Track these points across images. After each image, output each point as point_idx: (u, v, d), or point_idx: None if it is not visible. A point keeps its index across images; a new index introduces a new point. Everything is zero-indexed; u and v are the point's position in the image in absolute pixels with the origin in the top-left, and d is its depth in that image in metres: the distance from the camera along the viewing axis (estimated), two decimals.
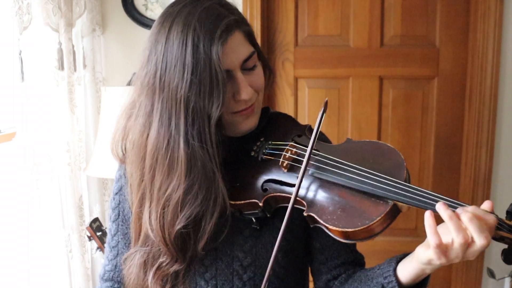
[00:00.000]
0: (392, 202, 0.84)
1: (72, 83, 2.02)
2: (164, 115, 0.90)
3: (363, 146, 0.96)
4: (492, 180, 2.29)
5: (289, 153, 0.97)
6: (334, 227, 0.86)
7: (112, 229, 1.14)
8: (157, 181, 0.93)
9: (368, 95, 2.36)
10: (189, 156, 0.89)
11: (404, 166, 0.89)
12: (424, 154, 2.40)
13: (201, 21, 0.87)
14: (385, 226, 0.85)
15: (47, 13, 1.87)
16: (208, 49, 0.86)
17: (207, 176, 0.91)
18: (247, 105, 0.95)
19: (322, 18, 2.34)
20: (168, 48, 0.88)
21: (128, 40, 2.34)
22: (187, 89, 0.87)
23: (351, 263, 1.05)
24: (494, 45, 2.18)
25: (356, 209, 0.87)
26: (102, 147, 1.94)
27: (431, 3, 2.28)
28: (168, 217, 0.93)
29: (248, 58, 0.93)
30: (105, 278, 1.13)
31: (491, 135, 2.26)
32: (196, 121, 0.88)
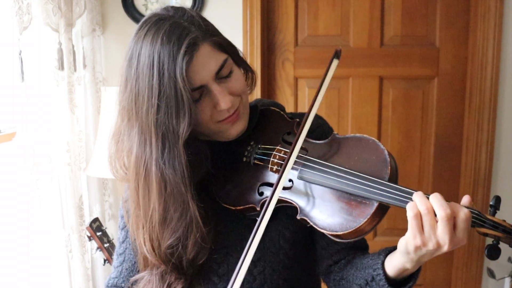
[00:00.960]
0: (377, 203, 0.86)
1: (72, 83, 2.02)
2: (141, 139, 0.93)
3: (349, 142, 0.96)
4: (492, 180, 2.29)
5: (277, 158, 0.98)
6: (324, 230, 0.89)
7: (120, 236, 1.15)
8: (141, 204, 0.97)
9: (368, 95, 2.36)
10: (159, 179, 0.92)
11: (388, 162, 0.89)
12: (424, 154, 2.40)
13: (163, 44, 0.88)
14: (375, 224, 0.87)
15: (47, 13, 1.87)
16: (172, 72, 0.87)
17: (179, 198, 0.93)
18: (230, 112, 0.96)
19: (322, 18, 2.34)
20: (138, 74, 0.91)
21: (128, 40, 2.33)
22: (155, 113, 0.89)
23: (352, 247, 1.06)
24: (494, 45, 2.18)
25: (343, 211, 0.88)
26: (102, 147, 1.94)
27: (431, 3, 2.28)
28: (156, 237, 0.97)
29: (220, 68, 0.93)
30: (109, 284, 1.14)
31: (491, 135, 2.26)
32: (166, 143, 0.91)
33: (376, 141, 0.92)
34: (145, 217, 0.97)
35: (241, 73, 1.01)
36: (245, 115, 1.02)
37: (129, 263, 1.12)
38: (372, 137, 0.93)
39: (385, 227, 2.44)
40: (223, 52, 0.95)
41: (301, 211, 0.93)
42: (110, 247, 1.86)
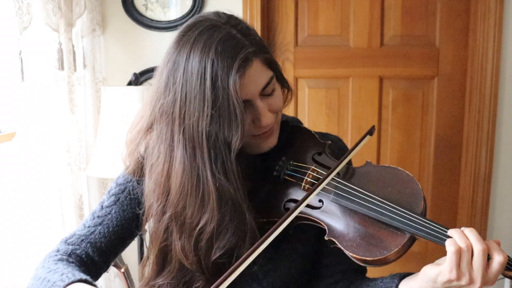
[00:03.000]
0: (409, 234, 0.87)
1: (72, 83, 2.02)
2: (187, 147, 0.90)
3: (383, 172, 0.98)
4: (492, 180, 2.29)
5: (310, 178, 0.99)
6: (353, 254, 0.89)
7: (105, 199, 1.06)
8: (188, 214, 0.94)
9: (368, 95, 2.36)
10: (218, 189, 0.90)
11: (422, 197, 0.91)
12: (424, 154, 2.40)
13: (218, 53, 0.86)
14: (401, 255, 0.88)
15: (47, 13, 1.87)
16: (226, 83, 0.86)
17: (235, 208, 0.92)
18: (267, 128, 0.97)
19: (322, 18, 2.34)
20: (187, 80, 0.88)
21: (128, 40, 2.34)
22: (208, 123, 0.87)
23: (354, 270, 1.06)
24: (494, 45, 2.18)
25: (375, 238, 0.89)
26: (102, 147, 1.94)
27: (431, 3, 2.28)
28: (204, 248, 0.94)
29: (267, 85, 0.94)
30: (68, 241, 1.03)
31: (491, 135, 2.26)
32: (219, 154, 0.89)
33: (410, 174, 0.95)
34: (191, 228, 0.94)
35: (281, 91, 1.02)
36: (277, 131, 1.03)
37: (106, 229, 1.03)
38: (406, 170, 0.96)
39: None
40: (270, 69, 0.96)
41: (329, 232, 0.93)
42: None
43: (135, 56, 2.33)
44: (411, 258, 1.58)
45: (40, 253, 1.96)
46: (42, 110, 1.92)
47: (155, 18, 2.32)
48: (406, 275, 0.93)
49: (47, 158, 1.96)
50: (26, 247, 1.91)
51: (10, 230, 1.87)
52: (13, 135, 1.84)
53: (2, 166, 1.86)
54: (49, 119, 1.95)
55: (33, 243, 1.93)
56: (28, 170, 1.87)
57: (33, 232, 1.93)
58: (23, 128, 1.84)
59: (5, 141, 1.83)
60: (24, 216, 1.90)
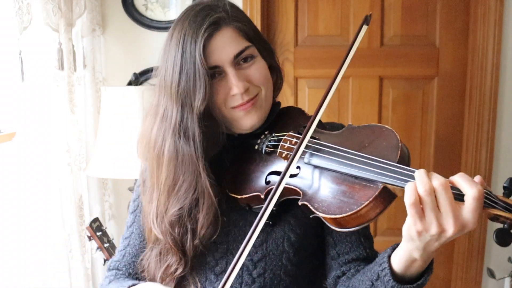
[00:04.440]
0: (382, 185, 0.79)
1: (72, 83, 2.02)
2: (164, 111, 0.99)
3: (362, 130, 0.94)
4: (492, 180, 2.29)
5: (288, 143, 0.97)
6: (324, 214, 0.84)
7: (129, 220, 1.17)
8: (154, 173, 1.01)
9: (368, 95, 2.36)
10: (172, 148, 0.97)
11: (399, 147, 0.84)
12: (424, 154, 2.40)
13: (190, 23, 0.95)
14: (379, 212, 0.80)
15: (47, 13, 1.87)
16: (192, 48, 0.93)
17: (190, 169, 0.97)
18: (243, 99, 0.98)
19: (322, 18, 2.34)
20: (169, 53, 0.98)
21: (128, 40, 2.34)
22: (176, 85, 0.95)
23: (364, 260, 1.02)
24: (494, 45, 2.18)
25: (346, 194, 0.83)
26: (102, 147, 1.94)
27: (431, 3, 2.28)
28: (162, 206, 1.00)
29: (239, 53, 0.96)
30: (111, 267, 1.15)
31: (491, 135, 2.26)
32: (184, 114, 0.96)
33: (390, 128, 0.90)
34: (157, 186, 1.00)
35: (265, 66, 1.03)
36: (262, 109, 1.02)
37: (133, 248, 1.12)
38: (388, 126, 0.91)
39: (385, 227, 2.44)
40: (246, 40, 0.98)
41: (303, 196, 0.89)
42: (110, 247, 1.86)
43: (135, 56, 2.33)
44: None
45: (40, 253, 1.96)
46: (42, 110, 1.93)
47: (155, 18, 2.32)
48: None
49: (47, 158, 1.96)
50: (26, 247, 1.91)
51: (10, 230, 1.88)
52: (13, 135, 1.85)
53: (2, 166, 1.86)
54: (49, 119, 1.96)
55: (33, 243, 1.93)
56: (28, 170, 1.87)
57: (33, 232, 1.93)
58: (23, 128, 1.85)
59: (5, 141, 1.83)
60: (24, 216, 1.90)
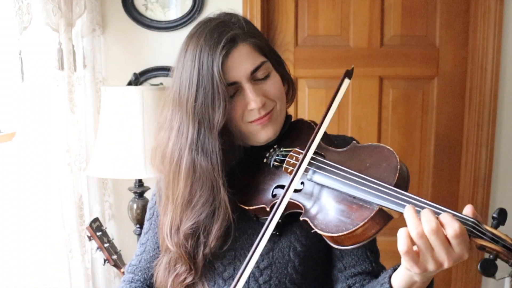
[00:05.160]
0: (378, 207, 0.82)
1: (72, 83, 2.02)
2: (180, 126, 1.00)
3: (365, 150, 0.95)
4: (492, 180, 2.29)
5: (293, 159, 0.99)
6: (322, 232, 0.87)
7: (145, 227, 1.20)
8: (170, 187, 1.03)
9: (368, 95, 2.36)
10: (190, 163, 0.98)
11: (397, 169, 0.86)
12: (424, 154, 2.40)
13: (206, 39, 0.96)
14: (374, 232, 0.83)
15: (47, 13, 1.87)
16: (210, 65, 0.94)
17: (208, 183, 0.98)
18: (260, 114, 0.99)
19: (322, 18, 2.34)
20: (184, 66, 0.99)
21: (128, 40, 2.34)
22: (193, 101, 0.96)
23: (369, 273, 1.04)
24: (494, 45, 2.18)
25: (344, 214, 0.86)
26: (102, 147, 1.94)
27: (431, 3, 2.28)
28: (177, 219, 1.01)
29: (256, 69, 0.98)
30: (128, 270, 1.21)
31: (491, 135, 2.26)
32: (201, 130, 0.97)
33: (391, 149, 0.91)
34: (172, 199, 1.02)
35: (280, 80, 1.05)
36: (277, 122, 1.04)
37: (148, 255, 1.17)
38: (389, 147, 0.92)
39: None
40: (262, 55, 1.00)
41: (305, 212, 0.92)
42: (110, 247, 1.86)
43: (135, 56, 2.33)
44: None
45: (40, 253, 1.96)
46: (42, 110, 1.93)
47: (155, 18, 2.32)
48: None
49: (47, 158, 1.96)
50: (26, 247, 1.91)
51: (10, 230, 1.88)
52: (13, 135, 1.85)
53: (2, 166, 1.86)
54: (49, 119, 1.96)
55: (33, 243, 1.93)
56: (28, 170, 1.87)
57: (33, 232, 1.93)
58: (23, 128, 1.85)
59: (5, 141, 1.83)
60: (24, 216, 1.90)
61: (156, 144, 1.07)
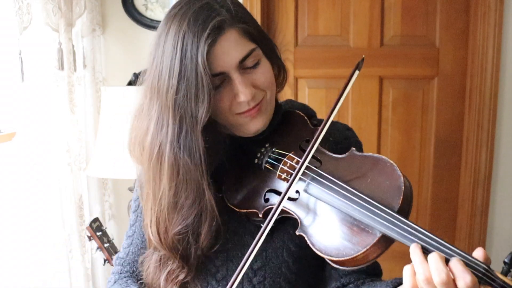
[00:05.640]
0: (380, 234, 0.77)
1: (72, 83, 2.02)
2: (159, 119, 0.90)
3: (365, 161, 0.88)
4: (492, 180, 2.29)
5: (287, 166, 0.92)
6: (320, 253, 0.82)
7: (131, 219, 1.15)
8: (152, 186, 0.94)
9: (368, 95, 2.36)
10: (173, 162, 0.89)
11: (401, 191, 0.80)
12: (424, 154, 2.40)
13: (190, 24, 0.85)
14: (376, 256, 0.79)
15: (47, 13, 1.87)
16: (194, 54, 0.84)
17: (192, 184, 0.90)
18: (250, 106, 0.91)
19: (322, 18, 2.34)
20: (164, 52, 0.88)
21: (128, 40, 2.34)
22: (174, 93, 0.86)
23: (363, 272, 1.00)
24: (494, 45, 2.18)
25: (343, 235, 0.81)
26: (102, 147, 1.94)
27: (431, 3, 2.28)
28: (164, 222, 0.94)
29: (245, 57, 0.89)
30: (117, 263, 1.17)
31: (491, 135, 2.26)
32: (183, 126, 0.88)
33: (394, 165, 0.84)
34: (154, 199, 0.94)
35: (270, 67, 0.95)
36: (267, 113, 0.96)
37: (136, 248, 1.12)
38: (391, 160, 0.85)
39: None
40: (251, 42, 0.90)
41: (301, 226, 0.86)
42: (110, 247, 1.86)
43: (135, 56, 2.33)
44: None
45: (40, 253, 1.96)
46: (42, 110, 1.93)
47: (155, 18, 2.32)
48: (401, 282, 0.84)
49: (47, 158, 1.96)
50: (26, 247, 1.91)
51: (10, 230, 1.88)
52: (13, 135, 1.85)
53: (2, 166, 1.86)
54: (49, 119, 1.96)
55: (33, 243, 1.93)
56: (28, 170, 1.87)
57: (33, 232, 1.93)
58: (23, 128, 1.85)
59: (5, 141, 1.83)
60: (24, 216, 1.90)
61: (134, 133, 0.99)
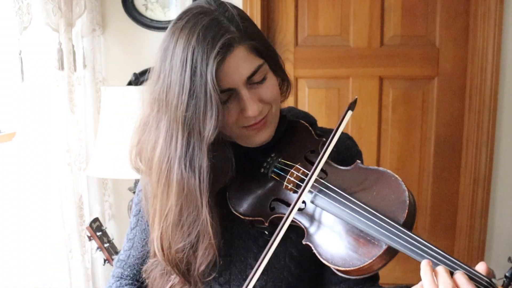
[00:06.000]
0: (386, 246, 0.81)
1: (72, 83, 2.02)
2: (167, 133, 0.91)
3: (371, 174, 0.91)
4: (492, 180, 2.29)
5: (294, 177, 0.94)
6: (327, 263, 0.85)
7: (132, 222, 1.15)
8: (159, 200, 0.95)
9: (368, 95, 2.36)
10: (180, 179, 0.90)
11: (406, 205, 0.83)
12: (424, 154, 2.40)
13: (199, 40, 0.86)
14: (381, 266, 0.82)
15: (47, 13, 1.87)
16: (204, 71, 0.85)
17: (192, 201, 0.91)
18: (256, 120, 0.93)
19: (322, 18, 2.34)
20: (172, 67, 0.88)
21: (128, 40, 2.34)
22: (184, 110, 0.87)
23: (362, 279, 0.99)
24: (494, 45, 2.18)
25: (350, 246, 0.84)
26: (102, 147, 1.94)
27: (431, 3, 2.28)
28: (168, 237, 0.95)
29: (253, 73, 0.90)
30: (117, 265, 1.17)
31: (491, 135, 2.26)
32: (191, 143, 0.89)
33: (398, 179, 0.87)
34: (161, 214, 0.95)
35: (276, 81, 0.97)
36: (273, 124, 0.98)
37: (136, 251, 1.12)
38: (395, 174, 0.88)
39: None
40: (259, 57, 0.92)
41: (307, 236, 0.89)
42: (110, 247, 1.86)
43: (135, 56, 2.33)
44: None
45: (40, 253, 1.96)
46: (42, 110, 1.93)
47: (155, 18, 2.32)
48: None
49: (47, 158, 1.96)
50: (26, 247, 1.91)
51: (10, 230, 1.88)
52: (13, 135, 1.85)
53: (2, 166, 1.86)
54: (49, 119, 1.96)
55: (33, 243, 1.93)
56: (28, 170, 1.87)
57: (33, 232, 1.93)
58: (23, 128, 1.85)
59: (5, 141, 1.83)
60: (24, 216, 1.90)
61: (140, 145, 0.99)
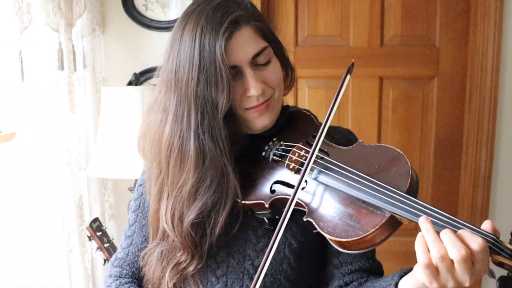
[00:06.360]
0: (389, 214, 0.80)
1: (72, 83, 2.02)
2: (178, 110, 0.94)
3: (372, 151, 0.91)
4: (492, 180, 2.29)
5: (296, 155, 0.95)
6: (329, 236, 0.84)
7: (130, 218, 1.15)
8: (171, 174, 0.96)
9: (368, 95, 2.36)
10: (198, 149, 0.92)
11: (409, 175, 0.83)
12: (424, 154, 2.40)
13: (208, 18, 0.90)
14: (384, 238, 0.81)
15: (47, 13, 1.87)
16: (212, 46, 0.88)
17: (218, 169, 0.93)
18: (259, 101, 0.95)
19: (322, 18, 2.34)
20: (181, 46, 0.92)
21: (128, 40, 2.34)
22: (195, 85, 0.90)
23: (366, 270, 1.02)
24: (494, 45, 2.18)
25: (353, 218, 0.83)
26: (102, 147, 1.94)
27: (431, 3, 2.28)
28: (181, 209, 0.96)
29: (258, 53, 0.94)
30: (115, 264, 1.15)
31: (491, 135, 2.26)
32: (206, 116, 0.91)
33: (401, 152, 0.87)
34: (173, 187, 0.97)
35: (280, 67, 1.01)
36: (275, 111, 1.00)
37: (135, 248, 1.12)
38: (398, 149, 0.88)
39: None
40: (264, 40, 0.97)
41: (309, 213, 0.88)
42: (110, 247, 1.86)
43: (135, 56, 2.33)
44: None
45: (40, 253, 1.96)
46: (42, 110, 1.93)
47: (155, 18, 2.32)
48: (407, 272, 0.88)
49: (47, 158, 1.96)
50: (26, 247, 1.91)
51: (10, 230, 1.88)
52: (13, 135, 1.84)
53: (2, 166, 1.86)
54: (49, 119, 1.96)
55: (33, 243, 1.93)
56: (28, 170, 1.87)
57: (33, 232, 1.93)
58: (23, 128, 1.84)
59: (5, 141, 1.83)
60: (24, 216, 1.90)
61: (146, 129, 1.01)
